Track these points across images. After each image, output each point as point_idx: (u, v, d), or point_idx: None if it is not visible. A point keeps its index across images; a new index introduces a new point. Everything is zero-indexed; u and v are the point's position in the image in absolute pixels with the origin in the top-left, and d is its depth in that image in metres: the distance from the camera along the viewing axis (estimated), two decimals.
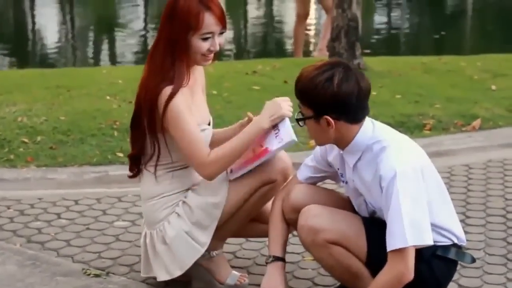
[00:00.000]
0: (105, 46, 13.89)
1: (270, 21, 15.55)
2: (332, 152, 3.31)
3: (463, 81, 7.47)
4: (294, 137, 3.26)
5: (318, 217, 3.15)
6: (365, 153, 3.11)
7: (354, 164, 3.15)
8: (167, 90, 3.33)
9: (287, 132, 3.29)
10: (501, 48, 11.34)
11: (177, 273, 3.51)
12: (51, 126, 5.87)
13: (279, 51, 11.58)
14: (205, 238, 3.48)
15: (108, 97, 6.66)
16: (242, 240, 4.10)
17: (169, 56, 3.38)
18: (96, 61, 12.11)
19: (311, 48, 11.35)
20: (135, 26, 15.06)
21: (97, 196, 4.77)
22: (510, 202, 4.68)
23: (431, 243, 2.99)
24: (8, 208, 4.59)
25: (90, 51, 13.38)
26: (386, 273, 3.00)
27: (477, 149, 5.71)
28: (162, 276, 3.54)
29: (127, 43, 13.32)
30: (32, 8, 18.24)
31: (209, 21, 3.36)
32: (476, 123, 6.16)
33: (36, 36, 14.51)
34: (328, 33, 8.29)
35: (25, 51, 12.99)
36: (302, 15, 9.32)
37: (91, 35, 14.83)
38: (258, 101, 5.17)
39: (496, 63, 8.30)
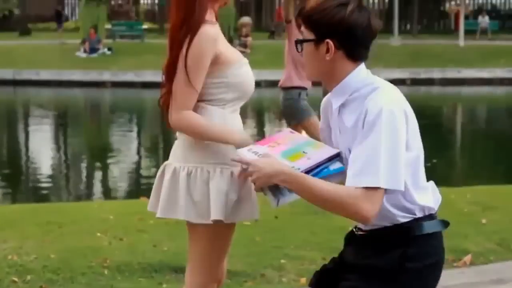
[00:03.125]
0: (97, 178, 13.95)
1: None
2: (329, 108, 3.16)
3: (453, 215, 7.45)
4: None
5: None
6: (352, 95, 2.97)
7: (338, 107, 3.00)
8: (193, 23, 3.33)
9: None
10: (491, 177, 11.45)
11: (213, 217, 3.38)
12: (41, 264, 5.83)
13: None
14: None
15: (98, 234, 6.65)
16: None
17: None
18: (88, 194, 12.13)
19: None
20: (128, 156, 15.21)
21: None
22: None
23: (402, 189, 2.83)
24: None
25: (82, 184, 13.43)
26: (348, 195, 2.80)
27: (469, 285, 5.69)
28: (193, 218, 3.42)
29: (120, 175, 13.43)
30: (26, 138, 18.45)
31: None
32: (467, 258, 6.15)
33: (29, 168, 14.59)
34: None
35: (17, 183, 13.04)
36: None
37: (83, 166, 14.93)
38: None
39: (486, 195, 8.36)
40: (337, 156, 2.99)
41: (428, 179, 3.06)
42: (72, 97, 27.31)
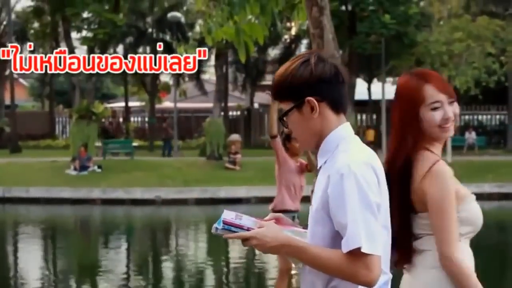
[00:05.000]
0: None
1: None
2: None
3: None
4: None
5: None
6: (334, 153, 2.95)
7: (321, 166, 3.00)
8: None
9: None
10: None
11: None
12: None
13: None
14: None
15: None
16: None
17: (406, 138, 3.50)
18: None
19: None
20: (116, 276, 15.05)
21: None
22: None
23: (380, 253, 2.81)
24: None
25: None
26: (346, 263, 2.81)
27: None
28: None
29: None
30: (14, 256, 18.28)
31: (431, 91, 3.45)
32: None
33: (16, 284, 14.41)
34: None
35: None
36: (285, 270, 9.28)
37: (72, 286, 14.74)
38: None
39: None
40: None
41: None
42: (61, 214, 27.22)
